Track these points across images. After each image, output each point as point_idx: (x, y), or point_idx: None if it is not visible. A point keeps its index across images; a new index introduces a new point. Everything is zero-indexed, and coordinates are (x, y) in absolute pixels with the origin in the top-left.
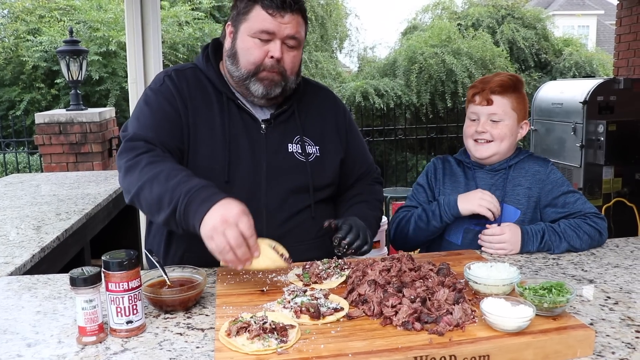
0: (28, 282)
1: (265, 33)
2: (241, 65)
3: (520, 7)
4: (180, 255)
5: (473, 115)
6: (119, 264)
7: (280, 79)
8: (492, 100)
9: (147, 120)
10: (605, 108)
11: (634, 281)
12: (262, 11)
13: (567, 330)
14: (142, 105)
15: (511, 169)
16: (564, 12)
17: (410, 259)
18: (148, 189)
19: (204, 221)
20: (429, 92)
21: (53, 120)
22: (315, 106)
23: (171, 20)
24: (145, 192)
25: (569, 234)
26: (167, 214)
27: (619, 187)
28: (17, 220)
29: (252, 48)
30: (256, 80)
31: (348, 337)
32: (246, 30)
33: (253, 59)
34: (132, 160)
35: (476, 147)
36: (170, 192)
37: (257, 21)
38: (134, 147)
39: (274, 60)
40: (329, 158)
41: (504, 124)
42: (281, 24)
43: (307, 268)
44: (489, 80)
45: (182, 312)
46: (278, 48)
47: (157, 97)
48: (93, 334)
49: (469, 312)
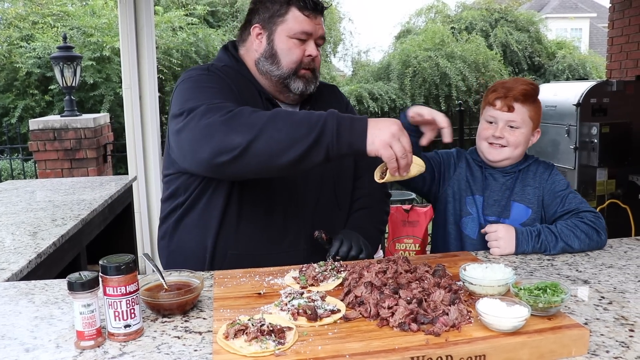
0: (25, 288)
1: (305, 34)
2: (283, 64)
3: (514, 10)
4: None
5: (491, 118)
6: (117, 268)
7: (313, 77)
8: (514, 108)
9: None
10: (599, 110)
11: (627, 281)
12: (299, 13)
13: (562, 329)
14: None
15: (521, 172)
16: (557, 15)
17: (406, 260)
18: (271, 129)
19: (371, 136)
20: (423, 96)
21: (47, 127)
22: (326, 103)
23: (165, 25)
24: (267, 134)
25: (566, 233)
26: (309, 142)
27: (613, 189)
28: (12, 227)
29: (293, 48)
30: (297, 78)
31: (345, 338)
32: (285, 31)
33: (295, 58)
34: (227, 114)
35: (490, 149)
36: (306, 120)
37: (296, 23)
38: (221, 107)
39: (311, 58)
40: None
41: (521, 132)
42: (316, 24)
43: (303, 271)
44: (511, 87)
45: (180, 316)
46: (314, 47)
47: (212, 77)
48: (91, 338)
49: (465, 313)
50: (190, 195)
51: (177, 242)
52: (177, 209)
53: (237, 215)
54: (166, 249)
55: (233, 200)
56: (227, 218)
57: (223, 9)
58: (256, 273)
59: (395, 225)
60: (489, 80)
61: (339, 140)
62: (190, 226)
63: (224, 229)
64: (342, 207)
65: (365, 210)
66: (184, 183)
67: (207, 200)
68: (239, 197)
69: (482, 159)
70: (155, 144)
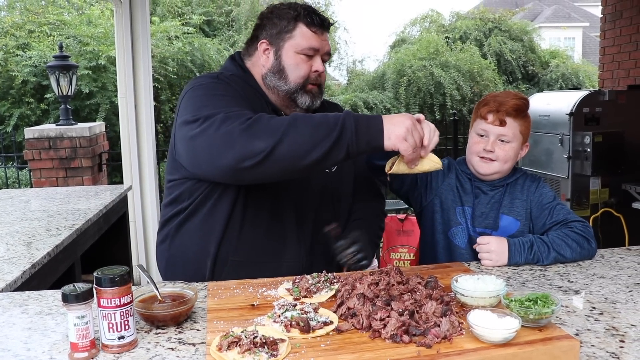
0: (19, 299)
1: (312, 49)
2: (290, 79)
3: (507, 20)
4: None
5: (482, 131)
6: (111, 280)
7: (319, 92)
8: (506, 122)
9: (230, 100)
10: (591, 119)
11: (618, 291)
12: (306, 29)
13: (553, 341)
14: (210, 92)
15: (509, 186)
16: (550, 25)
17: (399, 272)
18: (293, 133)
19: (388, 131)
20: (417, 105)
21: (43, 135)
22: None
23: (161, 35)
24: (290, 137)
25: (558, 243)
26: (330, 142)
27: (606, 198)
28: (7, 237)
29: (301, 63)
30: (304, 93)
31: (337, 350)
32: (292, 47)
33: (303, 73)
34: (247, 122)
35: (480, 163)
36: (325, 122)
37: (304, 39)
38: (239, 114)
39: (317, 74)
40: (346, 168)
41: (511, 146)
42: (322, 41)
43: (297, 282)
44: (503, 101)
45: (174, 327)
46: (320, 63)
47: (222, 85)
48: (85, 350)
49: (457, 325)
50: (194, 201)
51: (178, 247)
52: (179, 213)
53: (241, 221)
54: (166, 251)
55: (238, 206)
56: (231, 224)
57: (219, 19)
58: (250, 284)
59: (390, 235)
60: (483, 90)
61: (358, 138)
62: (192, 231)
63: (228, 234)
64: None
65: (362, 221)
66: (189, 188)
67: (211, 206)
68: (244, 204)
69: (472, 171)
70: (151, 153)
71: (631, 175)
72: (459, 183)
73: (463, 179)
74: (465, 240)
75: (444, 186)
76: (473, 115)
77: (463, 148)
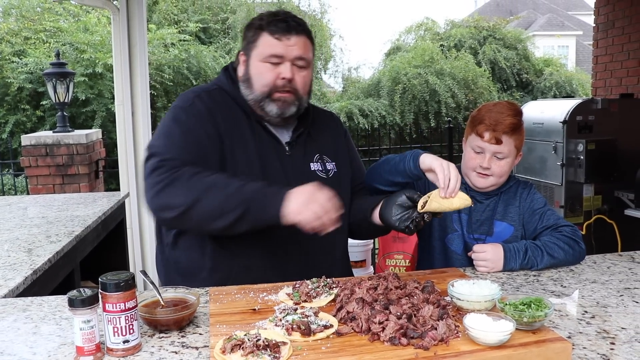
0: (22, 304)
1: (275, 57)
2: (255, 88)
3: (502, 28)
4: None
5: (478, 148)
6: (116, 285)
7: (294, 99)
8: (502, 141)
9: (178, 141)
10: (584, 127)
11: (610, 296)
12: (269, 37)
13: (546, 343)
14: (171, 123)
15: (503, 194)
16: (544, 33)
17: (396, 277)
18: (205, 199)
19: (285, 208)
20: (412, 112)
21: (40, 142)
22: (323, 128)
23: (157, 42)
24: (202, 203)
25: (550, 246)
26: (235, 215)
27: (599, 205)
28: (7, 243)
29: (264, 72)
30: (270, 101)
31: (338, 352)
32: (257, 56)
33: (265, 81)
34: (171, 176)
35: (477, 179)
36: (233, 194)
37: (266, 47)
38: (170, 165)
39: (286, 80)
40: (345, 174)
41: (506, 161)
42: (288, 46)
43: (297, 287)
44: (499, 119)
45: (177, 332)
46: (288, 69)
47: (188, 116)
48: (90, 353)
49: (453, 328)
50: None
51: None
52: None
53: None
54: (164, 261)
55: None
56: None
57: (215, 26)
58: (250, 289)
59: (386, 242)
60: (478, 97)
61: (262, 215)
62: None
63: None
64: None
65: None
66: None
67: None
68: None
69: (467, 183)
70: None
71: (624, 182)
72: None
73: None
74: (461, 246)
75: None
76: (468, 128)
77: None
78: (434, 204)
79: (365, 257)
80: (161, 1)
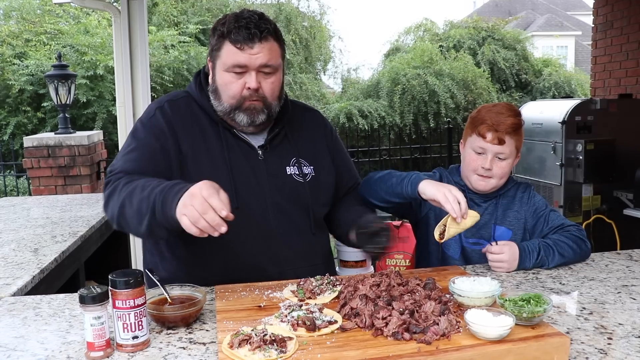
0: (32, 302)
1: (238, 67)
2: (223, 100)
3: (500, 28)
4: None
5: (480, 149)
6: (126, 282)
7: (263, 106)
8: (505, 141)
9: (131, 156)
10: (583, 128)
11: (607, 293)
12: (231, 46)
13: (545, 337)
14: (130, 139)
15: (501, 197)
16: (543, 33)
17: (398, 274)
18: (128, 204)
19: (178, 205)
20: (412, 113)
21: (42, 144)
22: (304, 127)
23: (157, 44)
24: (126, 208)
25: (560, 245)
26: (148, 218)
27: (598, 204)
28: (13, 243)
29: (230, 83)
30: (240, 112)
31: (342, 347)
32: (221, 66)
33: (232, 93)
34: (111, 186)
35: (479, 181)
36: (147, 197)
37: (228, 56)
38: (114, 179)
39: (252, 90)
40: (323, 176)
41: (507, 162)
42: (251, 55)
43: (301, 285)
44: (500, 120)
45: (184, 328)
46: (254, 79)
47: (145, 130)
48: (101, 349)
49: (454, 323)
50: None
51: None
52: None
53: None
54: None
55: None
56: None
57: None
58: (255, 287)
59: None
60: (477, 98)
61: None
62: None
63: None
64: (316, 233)
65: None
66: None
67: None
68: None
69: (467, 185)
70: None
71: (622, 182)
72: None
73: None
74: (458, 251)
75: None
76: (468, 129)
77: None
78: (452, 231)
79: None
80: (161, 3)
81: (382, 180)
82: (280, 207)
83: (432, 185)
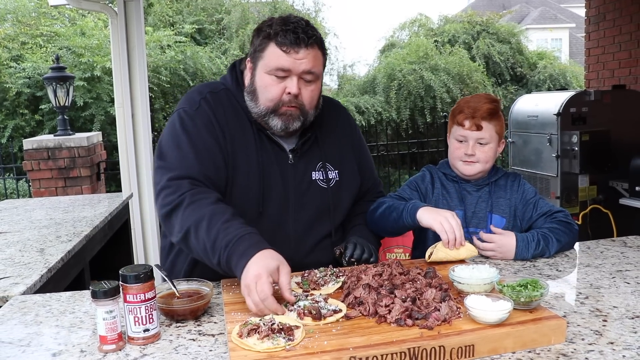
0: (41, 300)
1: (281, 70)
2: (260, 102)
3: (495, 22)
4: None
5: (461, 137)
6: (136, 277)
7: (299, 113)
8: (482, 126)
9: (187, 152)
10: (578, 119)
11: (602, 278)
12: (277, 48)
13: (542, 320)
14: (180, 131)
15: (492, 185)
16: (537, 26)
17: (399, 264)
18: (193, 236)
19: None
20: (408, 108)
21: (41, 146)
22: (333, 128)
23: (153, 44)
24: (191, 238)
25: (556, 231)
26: (214, 263)
27: (595, 195)
28: (19, 244)
29: (270, 85)
30: (275, 116)
31: (348, 334)
32: (263, 68)
33: (271, 96)
34: (175, 200)
35: (464, 166)
36: (211, 243)
37: (272, 59)
38: (175, 187)
39: (292, 95)
40: (347, 181)
41: (489, 147)
42: (296, 60)
43: (305, 276)
44: (477, 106)
45: (192, 321)
46: (295, 84)
47: (195, 123)
48: (113, 342)
49: (455, 309)
50: None
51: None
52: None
53: None
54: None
55: None
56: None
57: (210, 27)
58: None
59: None
60: (473, 92)
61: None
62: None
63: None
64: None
65: (364, 226)
66: None
67: None
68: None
69: (457, 173)
70: (148, 162)
71: (618, 172)
72: (444, 189)
73: (447, 183)
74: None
75: (434, 196)
76: (450, 121)
77: None
78: (440, 254)
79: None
80: (156, 3)
81: (384, 217)
82: (301, 214)
83: (429, 214)
